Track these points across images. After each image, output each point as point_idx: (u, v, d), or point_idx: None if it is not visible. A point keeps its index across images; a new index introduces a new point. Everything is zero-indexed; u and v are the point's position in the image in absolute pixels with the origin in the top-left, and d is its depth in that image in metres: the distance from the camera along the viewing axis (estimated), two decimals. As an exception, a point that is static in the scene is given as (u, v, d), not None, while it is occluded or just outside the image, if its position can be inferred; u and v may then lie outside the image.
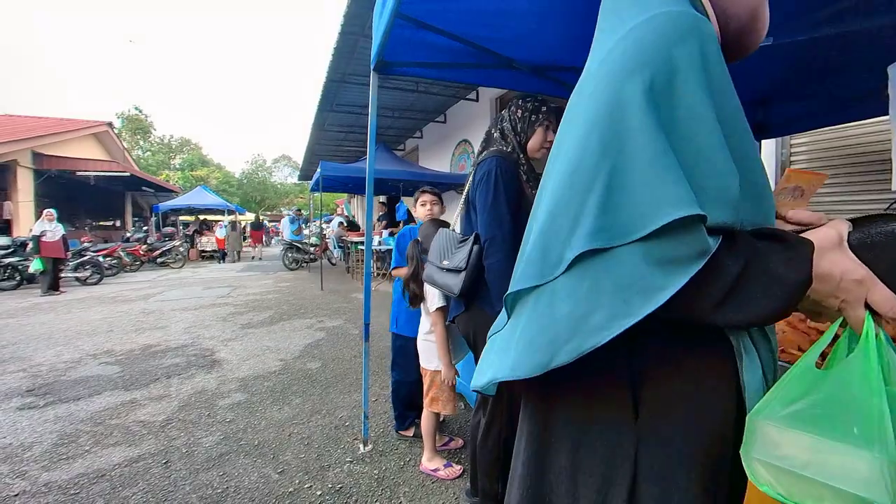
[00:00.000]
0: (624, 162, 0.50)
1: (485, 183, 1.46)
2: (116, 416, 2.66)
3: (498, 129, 1.63)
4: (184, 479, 2.00)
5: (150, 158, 32.00)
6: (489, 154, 1.54)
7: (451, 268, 1.51)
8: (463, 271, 1.46)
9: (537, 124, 1.58)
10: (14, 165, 10.05)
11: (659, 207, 0.47)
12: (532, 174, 1.56)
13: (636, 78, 0.51)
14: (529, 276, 0.56)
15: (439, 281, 1.58)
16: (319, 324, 4.94)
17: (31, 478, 2.04)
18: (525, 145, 1.59)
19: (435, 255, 1.62)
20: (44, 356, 3.87)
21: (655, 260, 0.47)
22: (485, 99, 8.03)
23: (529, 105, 1.59)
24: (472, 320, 1.55)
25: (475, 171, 1.54)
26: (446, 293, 1.57)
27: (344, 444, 2.29)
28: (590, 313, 0.50)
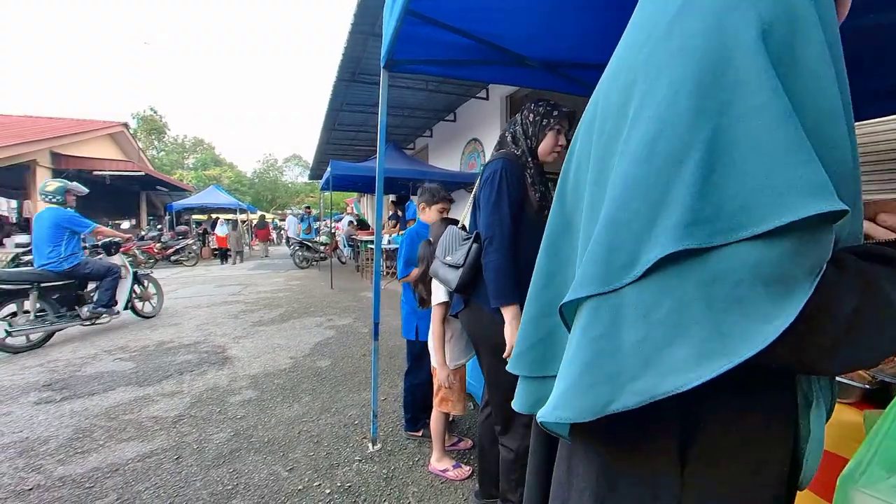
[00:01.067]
0: (730, 124, 0.36)
1: (489, 183, 1.48)
2: (130, 411, 2.70)
3: (510, 133, 1.63)
4: (195, 475, 2.02)
5: (164, 158, 32.55)
6: (498, 156, 1.56)
7: (452, 263, 1.56)
8: (460, 267, 1.50)
9: (548, 128, 1.57)
10: (33, 165, 10.27)
11: (792, 194, 0.33)
12: (540, 178, 1.58)
13: (747, 14, 0.38)
14: (589, 280, 0.43)
15: (441, 275, 1.63)
16: (329, 322, 4.96)
17: (46, 471, 2.08)
18: (536, 149, 1.59)
19: (441, 250, 1.66)
20: (61, 352, 3.95)
21: (766, 275, 0.34)
22: (495, 97, 7.99)
23: (541, 109, 1.58)
24: (471, 316, 1.59)
25: (483, 172, 1.57)
26: (446, 288, 1.62)
27: (353, 442, 2.29)
28: (669, 345, 0.37)
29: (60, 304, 4.25)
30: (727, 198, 0.35)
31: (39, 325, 4.06)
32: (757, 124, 0.35)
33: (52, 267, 4.14)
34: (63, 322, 4.24)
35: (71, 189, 4.34)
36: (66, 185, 4.34)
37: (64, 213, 4.25)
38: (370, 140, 12.07)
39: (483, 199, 1.49)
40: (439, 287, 1.85)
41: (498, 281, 1.40)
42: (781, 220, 0.33)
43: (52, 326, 4.15)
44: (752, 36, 0.37)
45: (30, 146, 9.86)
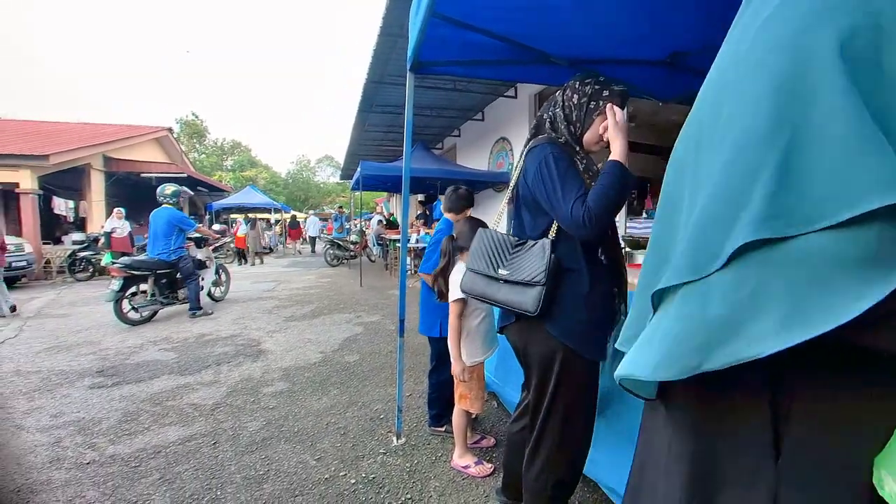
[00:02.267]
0: (809, 128, 0.40)
1: (543, 170, 1.23)
2: (172, 398, 2.87)
3: (549, 116, 1.40)
4: (229, 460, 2.13)
5: (204, 160, 34.13)
6: (539, 141, 1.33)
7: (519, 280, 1.26)
8: (540, 286, 1.21)
9: (596, 113, 1.31)
10: (88, 168, 11.04)
11: (861, 187, 0.36)
12: (591, 169, 1.34)
13: (826, 26, 0.41)
14: (680, 271, 0.49)
15: (497, 296, 1.31)
16: (358, 319, 5.08)
17: (99, 449, 2.25)
18: (580, 137, 1.34)
19: (482, 261, 1.37)
20: (111, 341, 4.24)
21: (849, 259, 0.37)
22: (523, 95, 7.92)
23: (588, 88, 1.31)
24: (527, 333, 1.35)
25: (525, 162, 1.34)
26: (514, 311, 1.29)
27: (378, 435, 2.36)
28: (751, 320, 0.42)
29: (164, 288, 5.16)
30: (807, 192, 0.39)
31: (152, 303, 4.99)
32: (830, 130, 0.39)
33: (164, 257, 5.01)
34: (166, 302, 5.15)
35: (182, 192, 5.25)
36: (179, 189, 5.20)
37: (177, 214, 5.13)
38: (399, 140, 12.23)
39: (542, 188, 1.24)
40: (457, 283, 1.87)
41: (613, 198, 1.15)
42: (859, 208, 0.36)
43: (160, 306, 5.08)
44: (830, 47, 0.40)
45: (85, 151, 10.60)
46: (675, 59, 2.29)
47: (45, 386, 3.10)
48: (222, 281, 6.41)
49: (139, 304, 4.93)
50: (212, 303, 5.97)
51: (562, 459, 1.35)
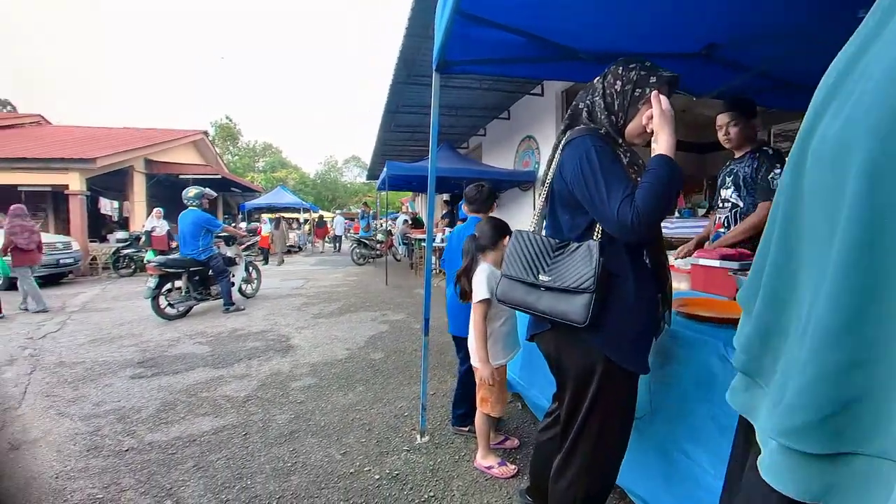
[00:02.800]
0: None
1: (585, 164, 1.13)
2: (206, 389, 2.99)
3: (586, 104, 1.28)
4: (259, 451, 2.20)
5: (237, 162, 35.39)
6: (579, 133, 1.21)
7: (563, 287, 1.14)
8: (589, 293, 1.10)
9: (641, 102, 1.19)
10: (131, 170, 11.64)
11: None
12: (636, 163, 1.21)
13: None
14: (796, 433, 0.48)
15: (538, 305, 1.19)
16: (383, 317, 5.14)
17: (138, 436, 2.37)
18: (623, 128, 1.23)
19: (519, 266, 1.24)
20: (151, 334, 4.46)
21: None
22: (550, 93, 7.81)
23: (633, 74, 1.19)
24: (563, 342, 1.26)
25: (562, 156, 1.22)
26: (558, 320, 1.16)
27: (402, 433, 2.37)
28: None
29: (198, 285, 5.44)
30: None
31: (186, 299, 5.26)
32: None
33: (194, 255, 5.27)
34: (200, 298, 5.42)
35: (205, 194, 5.48)
36: (201, 191, 5.45)
37: (202, 215, 5.36)
38: (425, 140, 12.29)
39: (583, 185, 1.13)
40: (481, 283, 1.86)
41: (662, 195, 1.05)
42: None
43: (194, 302, 5.36)
44: None
45: (128, 154, 11.18)
46: (710, 52, 2.20)
47: (89, 376, 3.28)
48: (253, 278, 6.63)
49: (174, 300, 5.18)
50: (243, 299, 6.18)
51: (593, 475, 1.27)
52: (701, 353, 1.40)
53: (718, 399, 1.34)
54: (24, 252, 5.55)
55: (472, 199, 2.38)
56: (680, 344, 1.47)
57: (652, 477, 1.57)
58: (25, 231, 5.58)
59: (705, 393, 1.38)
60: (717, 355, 1.33)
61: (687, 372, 1.46)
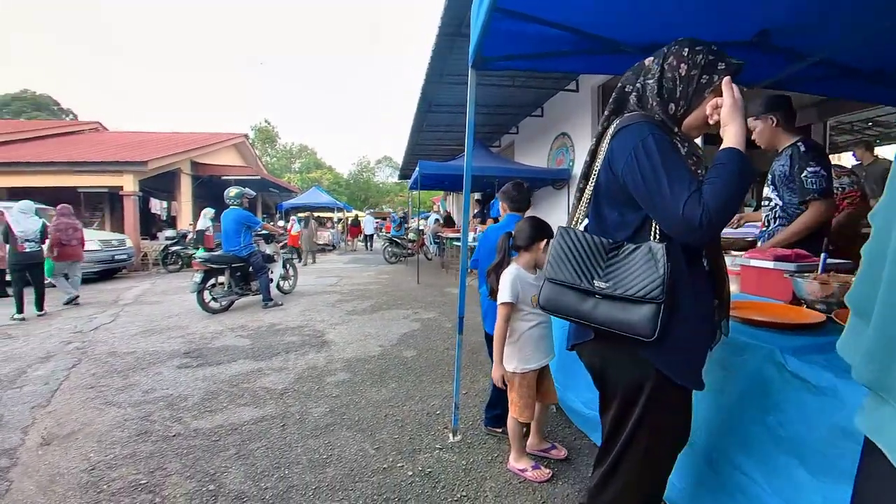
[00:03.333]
0: None
1: (641, 155, 1.01)
2: (247, 381, 3.11)
3: (636, 89, 1.15)
4: (296, 442, 2.26)
5: (275, 163, 36.71)
6: (632, 119, 1.08)
7: (624, 295, 1.02)
8: (656, 303, 0.98)
9: (708, 90, 1.07)
10: (178, 172, 12.31)
11: None
12: (696, 155, 1.10)
13: None
14: None
15: (594, 315, 1.07)
16: (415, 315, 5.18)
17: (184, 423, 2.49)
18: (682, 118, 1.11)
19: (568, 270, 1.11)
20: (196, 327, 4.69)
21: None
22: (585, 88, 7.62)
23: (700, 58, 1.06)
24: (609, 354, 1.15)
25: (612, 145, 1.10)
26: (621, 332, 1.04)
27: (434, 431, 2.38)
28: None
29: (239, 281, 5.66)
30: None
31: (228, 294, 5.53)
32: None
33: (236, 252, 5.51)
34: (241, 293, 5.67)
35: (245, 193, 5.74)
36: (241, 190, 5.72)
37: (242, 213, 5.60)
38: (457, 139, 12.28)
39: (641, 184, 1.01)
40: (506, 286, 1.81)
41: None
42: None
43: (236, 296, 5.63)
44: None
45: (177, 157, 11.83)
46: (762, 39, 2.07)
47: (139, 365, 3.48)
48: (290, 275, 6.85)
49: (218, 294, 5.43)
50: (281, 295, 6.38)
51: (635, 496, 1.17)
52: (754, 359, 1.31)
53: (774, 409, 1.25)
54: (67, 247, 5.94)
55: (511, 197, 2.35)
56: (729, 349, 1.38)
57: (697, 489, 1.50)
58: (69, 228, 5.99)
59: (759, 402, 1.29)
60: (774, 363, 1.24)
61: (737, 379, 1.37)
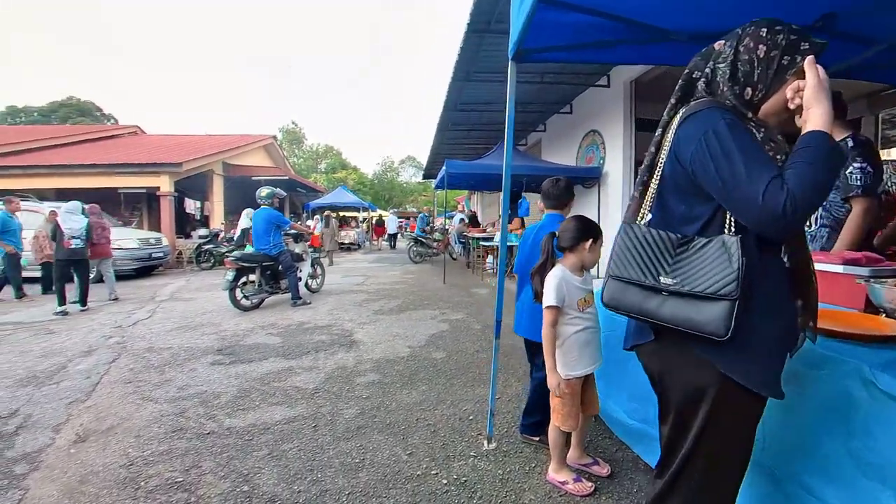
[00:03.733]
0: None
1: (713, 141, 0.95)
2: (278, 379, 3.12)
3: (704, 74, 1.08)
4: (328, 444, 2.23)
5: (301, 164, 37.46)
6: (702, 105, 1.02)
7: (694, 291, 0.96)
8: (729, 300, 0.92)
9: (790, 71, 0.98)
10: (211, 173, 12.68)
11: None
12: (774, 141, 1.00)
13: None
14: None
15: (659, 312, 1.02)
16: (443, 316, 5.12)
17: (218, 421, 2.51)
18: (759, 103, 1.03)
19: (632, 266, 1.07)
20: (228, 324, 4.77)
21: None
22: (617, 83, 7.39)
23: (781, 38, 0.98)
24: (671, 356, 1.09)
25: (679, 134, 1.04)
26: (691, 330, 0.97)
27: (468, 437, 2.30)
28: None
29: (269, 279, 5.78)
30: None
31: (259, 292, 5.62)
32: None
33: (266, 251, 5.62)
34: (271, 292, 5.78)
35: (276, 194, 5.86)
36: (273, 190, 5.84)
37: (273, 213, 5.71)
38: (483, 138, 12.18)
39: (714, 172, 0.94)
40: (551, 289, 1.72)
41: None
42: None
43: (266, 294, 5.72)
44: None
45: (209, 158, 12.19)
46: (827, 23, 1.90)
47: (175, 361, 3.56)
48: (317, 274, 6.92)
49: (249, 292, 5.53)
50: (309, 293, 6.45)
51: None
52: (836, 375, 1.18)
53: (860, 430, 1.12)
54: (98, 246, 6.19)
55: (547, 194, 2.26)
56: (804, 361, 1.25)
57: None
58: (98, 227, 6.23)
59: (841, 422, 1.16)
60: (861, 379, 1.11)
61: (814, 395, 1.24)
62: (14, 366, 3.51)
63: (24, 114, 31.88)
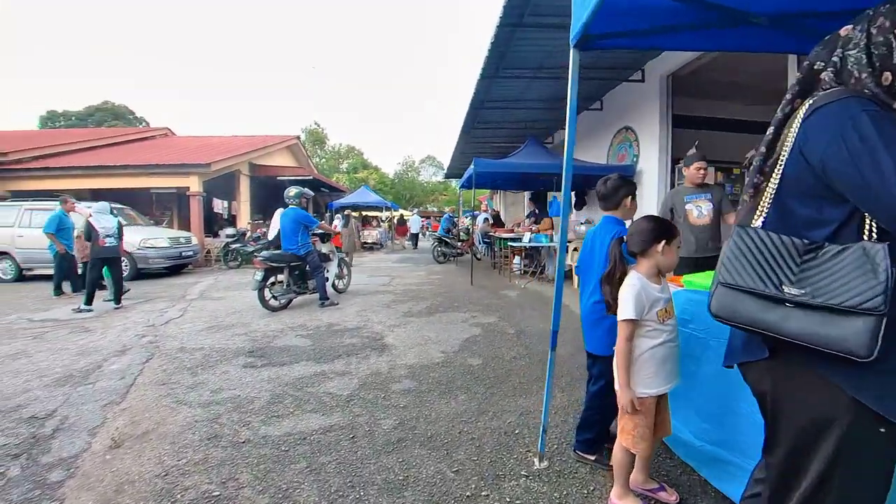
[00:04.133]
0: None
1: (852, 135, 0.84)
2: (311, 384, 3.03)
3: (832, 63, 0.96)
4: (368, 458, 2.12)
5: (324, 164, 37.86)
6: (834, 96, 0.91)
7: (828, 304, 0.85)
8: (876, 315, 0.80)
9: None
10: (237, 174, 12.87)
11: None
12: None
13: None
14: None
15: (785, 326, 0.89)
16: (474, 319, 4.97)
17: (253, 428, 2.42)
18: None
19: (748, 273, 0.95)
20: (258, 324, 4.75)
21: None
22: (653, 78, 7.10)
23: None
24: (788, 378, 0.96)
25: (806, 127, 0.93)
26: (825, 349, 0.85)
27: (516, 454, 2.15)
28: None
29: (297, 279, 5.72)
30: None
31: (287, 292, 5.58)
32: None
33: (294, 251, 5.58)
34: (299, 292, 5.74)
35: (303, 193, 5.82)
36: (301, 190, 5.81)
37: (301, 212, 5.69)
38: (509, 136, 11.97)
39: (852, 168, 0.84)
40: (628, 301, 1.55)
41: None
42: None
43: (294, 295, 5.68)
44: None
45: (236, 159, 12.37)
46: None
47: (207, 362, 3.52)
48: (344, 274, 6.87)
49: (277, 292, 5.51)
50: (336, 294, 6.40)
51: None
52: None
53: None
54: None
55: (599, 195, 2.09)
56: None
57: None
58: None
59: None
60: None
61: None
62: (52, 364, 3.55)
63: (62, 118, 33.28)
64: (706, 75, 6.80)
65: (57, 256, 6.59)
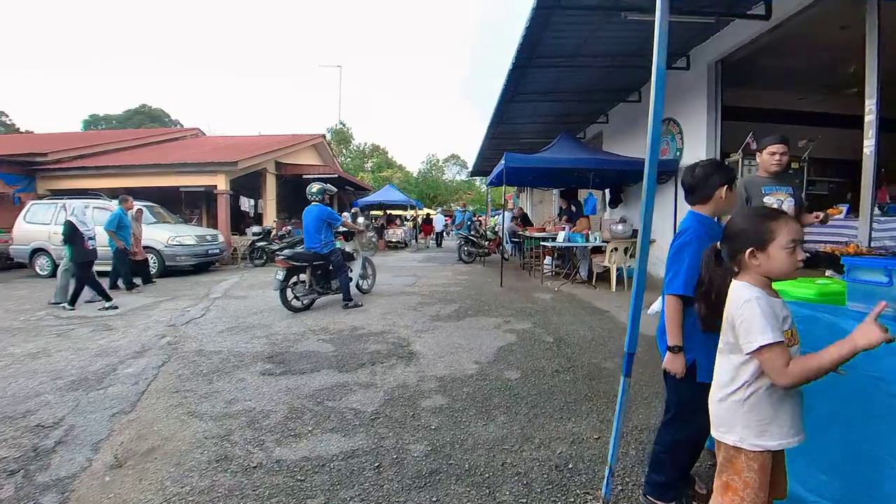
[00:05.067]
0: None
1: None
2: (332, 397, 2.75)
3: None
4: (396, 494, 1.80)
5: (349, 163, 38.04)
6: None
7: None
8: None
9: None
10: (264, 172, 12.88)
11: None
12: None
13: None
14: None
15: None
16: (507, 324, 4.59)
17: (267, 449, 2.15)
18: None
19: None
20: (279, 326, 4.52)
21: None
22: (699, 65, 6.54)
23: None
24: None
25: None
26: None
27: (573, 495, 1.78)
28: None
29: (320, 279, 5.50)
30: None
31: (310, 292, 5.35)
32: None
33: (317, 249, 5.35)
34: (322, 292, 5.50)
35: (326, 190, 5.56)
36: (324, 186, 5.54)
37: (325, 209, 5.44)
38: (537, 132, 11.50)
39: None
40: (756, 320, 1.10)
41: None
42: None
43: (316, 295, 5.45)
44: None
45: (262, 157, 12.36)
46: None
47: (224, 368, 3.30)
48: (369, 274, 6.61)
49: (299, 292, 5.29)
50: (360, 294, 6.14)
51: None
52: None
53: None
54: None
55: (685, 187, 1.70)
56: None
57: None
58: None
59: None
60: None
61: None
62: (69, 365, 3.41)
63: (104, 121, 34.77)
64: (760, 61, 6.18)
65: (117, 252, 6.74)
